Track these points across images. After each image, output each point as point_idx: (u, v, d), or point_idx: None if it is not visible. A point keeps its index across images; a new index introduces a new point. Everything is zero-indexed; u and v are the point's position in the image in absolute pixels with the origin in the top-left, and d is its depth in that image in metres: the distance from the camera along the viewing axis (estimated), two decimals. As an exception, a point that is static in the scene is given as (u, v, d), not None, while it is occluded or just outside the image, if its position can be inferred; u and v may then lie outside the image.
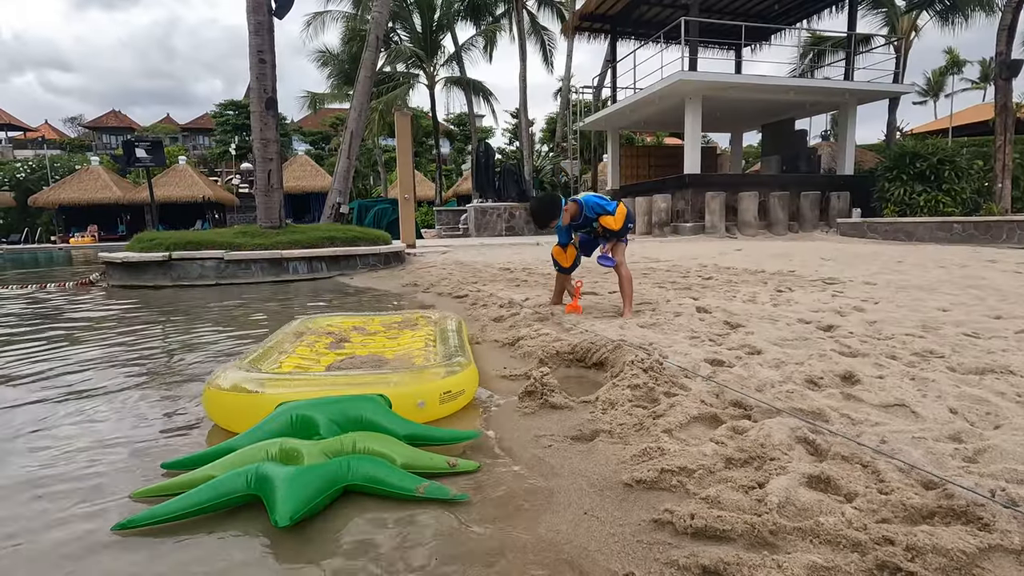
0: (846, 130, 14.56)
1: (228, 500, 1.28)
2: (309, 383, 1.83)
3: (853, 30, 15.06)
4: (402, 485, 1.34)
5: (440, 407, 1.86)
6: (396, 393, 1.77)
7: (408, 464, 1.44)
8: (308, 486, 1.26)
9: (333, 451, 1.44)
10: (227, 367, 1.97)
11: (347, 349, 2.52)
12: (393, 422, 1.61)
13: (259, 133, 7.85)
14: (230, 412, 1.79)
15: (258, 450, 1.42)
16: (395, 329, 2.94)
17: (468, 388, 1.98)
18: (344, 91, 22.67)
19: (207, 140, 46.33)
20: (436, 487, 1.34)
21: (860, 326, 2.82)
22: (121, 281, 6.96)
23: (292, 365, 2.17)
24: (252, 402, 1.73)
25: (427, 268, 7.46)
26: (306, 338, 2.66)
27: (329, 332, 2.79)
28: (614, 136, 17.92)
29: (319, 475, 1.30)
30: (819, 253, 7.86)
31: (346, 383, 1.82)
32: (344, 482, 1.33)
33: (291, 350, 2.39)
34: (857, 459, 1.34)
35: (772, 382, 1.92)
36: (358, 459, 1.38)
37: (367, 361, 2.23)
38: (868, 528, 1.07)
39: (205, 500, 1.27)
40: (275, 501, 1.21)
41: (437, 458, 1.49)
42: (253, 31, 7.60)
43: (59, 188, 27.01)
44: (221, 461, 1.41)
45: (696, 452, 1.42)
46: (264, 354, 2.22)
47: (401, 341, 2.65)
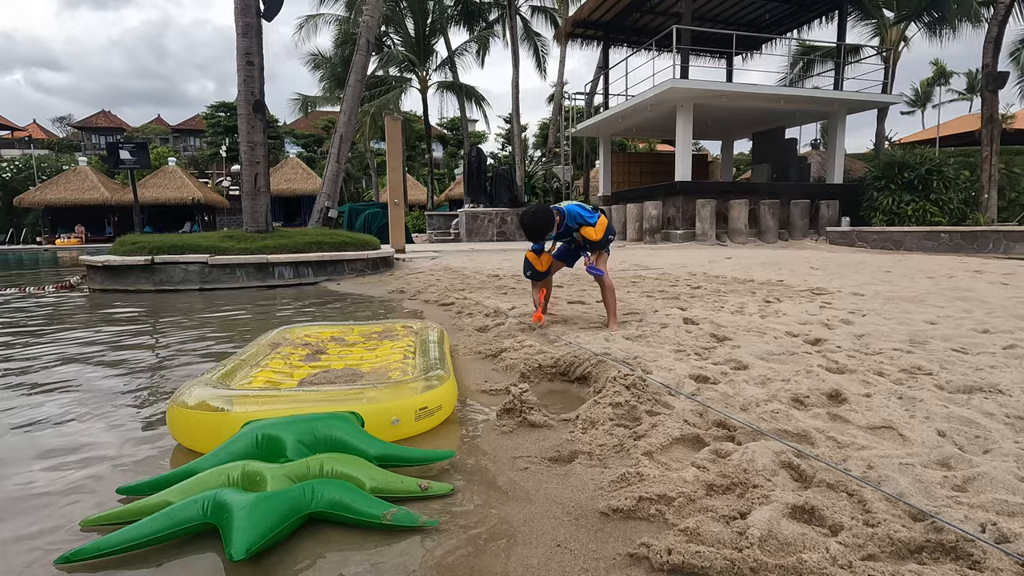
0: (835, 139, 14.66)
1: (182, 530, 1.20)
2: (279, 400, 1.74)
3: (843, 40, 15.21)
4: (369, 512, 1.26)
5: (416, 424, 1.79)
6: (369, 410, 1.69)
7: (378, 488, 1.36)
8: (268, 515, 1.18)
9: (299, 475, 1.36)
10: (193, 383, 1.86)
11: (323, 361, 2.42)
12: (364, 442, 1.53)
13: (246, 136, 7.75)
14: (195, 432, 1.69)
15: (218, 474, 1.34)
16: (375, 340, 2.83)
17: (446, 404, 1.91)
18: (336, 94, 22.57)
19: (198, 142, 46.01)
20: (404, 514, 1.26)
21: (847, 340, 2.78)
22: (102, 285, 6.82)
23: (263, 380, 2.06)
24: (218, 421, 1.64)
25: (415, 274, 7.38)
26: (282, 349, 2.56)
27: (306, 343, 2.68)
28: (606, 142, 17.95)
29: (281, 503, 1.22)
30: (808, 262, 7.87)
31: (318, 399, 1.73)
32: (308, 509, 1.26)
33: (265, 363, 2.29)
34: (843, 487, 1.29)
35: (757, 400, 1.87)
36: (323, 484, 1.30)
37: (341, 375, 2.12)
38: (853, 566, 1.01)
39: (157, 530, 1.18)
40: (231, 532, 1.13)
41: (409, 481, 1.41)
42: (241, 33, 7.52)
43: (46, 188, 26.65)
44: (179, 486, 1.33)
45: (677, 478, 1.36)
46: (235, 368, 2.12)
47: (379, 353, 2.55)
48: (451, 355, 2.89)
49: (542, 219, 3.09)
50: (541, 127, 36.10)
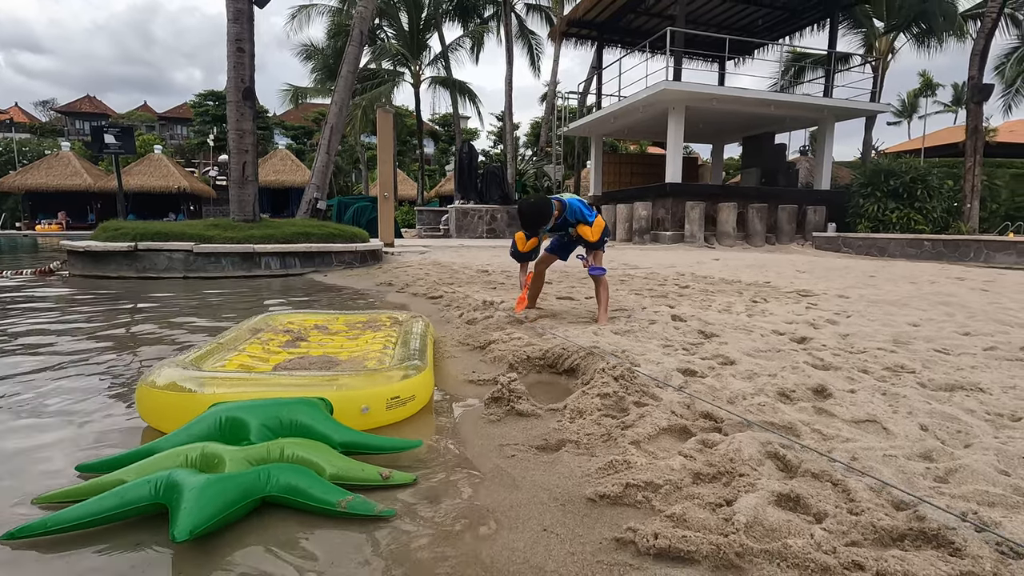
0: (824, 146, 14.84)
1: (132, 510, 1.17)
2: (249, 383, 1.71)
3: (833, 48, 15.39)
4: (324, 499, 1.24)
5: (386, 413, 1.76)
6: (339, 397, 1.67)
7: (338, 475, 1.34)
8: (217, 498, 1.15)
9: (258, 458, 1.33)
10: (164, 364, 1.83)
11: (302, 348, 2.38)
12: (329, 428, 1.51)
13: (235, 124, 7.65)
14: (164, 413, 1.65)
15: (176, 455, 1.31)
16: (358, 329, 2.79)
17: (420, 394, 1.88)
18: (327, 86, 22.40)
19: (185, 130, 45.38)
20: (360, 502, 1.24)
21: (833, 339, 2.81)
22: (83, 271, 6.69)
23: (237, 364, 2.03)
24: (187, 402, 1.61)
25: (404, 267, 7.34)
26: (263, 335, 2.52)
27: (288, 330, 2.64)
28: (598, 143, 18.00)
29: (232, 486, 1.19)
30: (795, 265, 7.95)
31: (289, 384, 1.71)
32: (261, 493, 1.23)
33: (243, 348, 2.26)
34: (828, 476, 1.30)
35: (744, 394, 1.88)
36: (280, 468, 1.28)
37: (316, 362, 2.08)
38: (837, 552, 1.02)
39: (106, 509, 1.15)
40: (178, 513, 1.10)
41: (370, 469, 1.39)
42: (232, 19, 7.41)
43: (26, 173, 26.11)
44: (136, 466, 1.30)
45: (664, 466, 1.37)
46: (212, 351, 2.09)
47: (360, 342, 2.52)
48: (437, 347, 2.88)
49: (540, 210, 3.04)
50: (533, 126, 36.09)
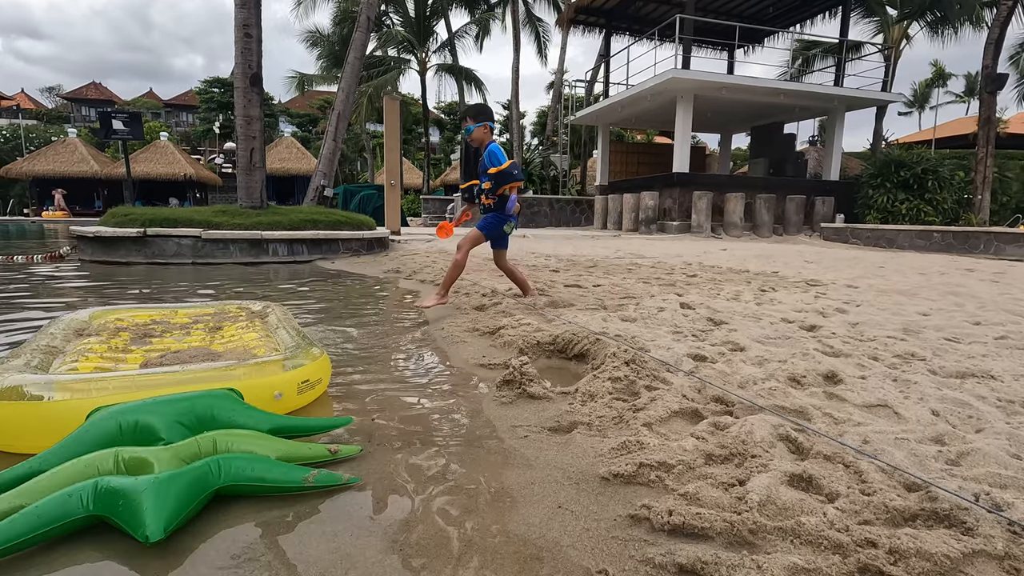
0: (833, 136, 14.70)
1: (57, 528, 1.04)
2: (130, 384, 1.51)
3: (845, 37, 15.19)
4: (287, 478, 1.22)
5: (298, 397, 1.74)
6: (249, 385, 1.61)
7: (285, 457, 1.31)
8: (176, 494, 1.08)
9: (190, 455, 1.25)
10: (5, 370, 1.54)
11: (155, 345, 2.13)
12: (253, 417, 1.47)
13: (242, 110, 7.64)
14: (6, 426, 1.41)
15: (84, 466, 1.16)
16: (210, 322, 2.54)
17: (325, 376, 1.90)
18: (333, 73, 22.31)
19: (190, 117, 45.34)
20: (326, 475, 1.25)
21: (842, 327, 2.81)
22: (93, 256, 6.74)
23: (93, 366, 1.79)
24: (43, 412, 1.40)
25: (411, 255, 7.36)
26: (99, 333, 2.23)
27: (123, 327, 2.33)
28: (605, 132, 17.88)
29: (187, 480, 1.12)
30: (802, 256, 7.92)
31: (186, 380, 1.57)
32: (215, 486, 1.17)
33: (79, 350, 1.96)
34: (840, 459, 1.31)
35: (755, 379, 1.89)
36: (228, 458, 1.22)
37: (196, 355, 1.90)
38: (850, 529, 1.03)
39: (24, 532, 1.00)
40: (140, 514, 1.03)
41: (316, 447, 1.39)
42: (239, 4, 7.38)
43: (33, 159, 26.19)
44: (28, 486, 1.12)
45: (676, 447, 1.38)
46: (40, 354, 1.79)
47: (226, 334, 2.32)
48: (448, 331, 2.90)
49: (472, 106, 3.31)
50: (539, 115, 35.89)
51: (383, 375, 2.18)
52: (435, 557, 1.03)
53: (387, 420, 1.70)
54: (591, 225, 17.22)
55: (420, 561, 1.02)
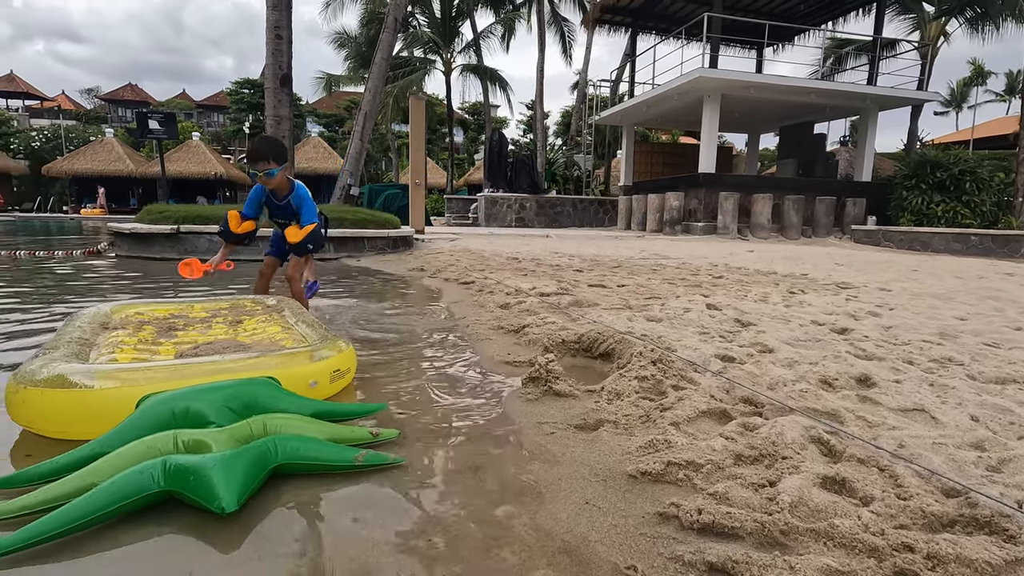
0: (866, 136, 14.34)
1: (131, 503, 1.10)
2: (175, 373, 1.56)
3: (879, 34, 14.80)
4: (339, 458, 1.30)
5: (331, 386, 1.82)
6: (285, 374, 1.67)
7: (332, 439, 1.39)
8: (243, 469, 1.16)
9: (243, 437, 1.31)
10: (39, 359, 1.60)
11: (181, 337, 2.16)
12: (295, 402, 1.54)
13: (272, 110, 7.80)
14: (55, 414, 1.45)
15: (147, 447, 1.22)
16: (228, 316, 2.54)
17: (352, 367, 1.96)
18: (360, 74, 22.61)
19: (221, 117, 46.40)
20: (374, 455, 1.32)
21: (875, 330, 2.74)
22: (129, 252, 6.95)
23: (130, 357, 1.83)
24: (94, 399, 1.45)
25: (435, 254, 7.41)
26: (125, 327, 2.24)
27: (145, 321, 2.36)
28: (629, 132, 17.75)
29: (250, 457, 1.19)
30: (832, 258, 7.75)
31: (227, 369, 1.62)
32: (273, 463, 1.24)
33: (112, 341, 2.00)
34: (874, 462, 1.28)
35: (785, 381, 1.86)
36: (283, 439, 1.29)
37: (229, 347, 1.94)
38: (886, 533, 1.01)
39: (100, 507, 1.06)
40: (212, 488, 1.10)
41: (359, 430, 1.47)
42: (271, 5, 7.53)
43: (73, 158, 27.14)
44: (96, 466, 1.18)
45: (705, 447, 1.37)
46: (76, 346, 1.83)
47: (247, 327, 2.34)
48: (473, 329, 2.92)
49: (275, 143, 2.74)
50: (563, 115, 35.81)
51: (409, 370, 2.20)
52: (464, 547, 1.05)
53: (413, 414, 1.72)
54: (614, 226, 17.12)
55: (450, 550, 1.04)
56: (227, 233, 2.90)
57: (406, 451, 1.45)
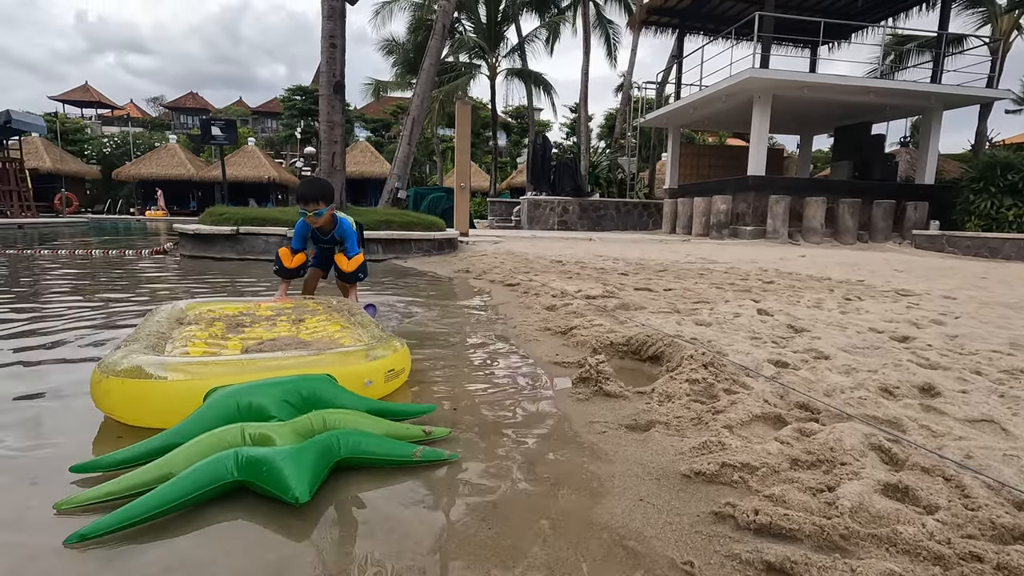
0: (929, 137, 13.65)
1: (209, 491, 1.16)
2: (240, 368, 1.64)
3: (945, 29, 14.08)
4: (399, 452, 1.34)
5: (385, 385, 1.86)
6: (343, 372, 1.71)
7: (389, 435, 1.43)
8: (312, 462, 1.21)
9: (305, 431, 1.36)
10: (121, 351, 1.70)
11: (248, 333, 2.25)
12: (351, 399, 1.58)
13: (326, 116, 8.09)
14: (132, 403, 1.54)
15: (218, 438, 1.28)
16: (291, 314, 2.63)
17: (407, 367, 1.99)
18: (407, 80, 23.10)
19: (274, 123, 48.25)
20: (431, 451, 1.37)
21: (939, 339, 2.63)
22: (192, 252, 7.35)
23: (201, 351, 1.93)
24: (166, 390, 1.53)
25: (479, 256, 7.51)
26: (193, 324, 2.34)
27: (216, 317, 2.47)
28: (675, 134, 17.48)
29: (318, 450, 1.25)
30: (890, 264, 7.42)
31: (288, 365, 1.69)
32: (337, 456, 1.29)
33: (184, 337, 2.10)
34: (939, 471, 1.25)
35: (842, 387, 1.82)
36: (345, 433, 1.33)
37: (291, 344, 2.02)
38: (952, 542, 0.99)
39: (181, 495, 1.12)
40: (285, 480, 1.14)
41: (412, 428, 1.51)
42: (326, 16, 7.82)
43: (139, 163, 28.82)
44: (171, 456, 1.24)
45: (760, 450, 1.37)
46: (154, 339, 1.94)
47: (308, 325, 2.43)
48: (521, 330, 2.96)
49: (327, 185, 3.01)
50: (607, 117, 35.54)
51: (459, 370, 2.27)
52: (522, 537, 1.09)
53: (466, 412, 1.78)
54: (659, 229, 16.87)
55: (509, 540, 1.08)
56: (283, 270, 3.11)
57: (460, 447, 1.50)
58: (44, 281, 4.73)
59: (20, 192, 18.24)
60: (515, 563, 1.00)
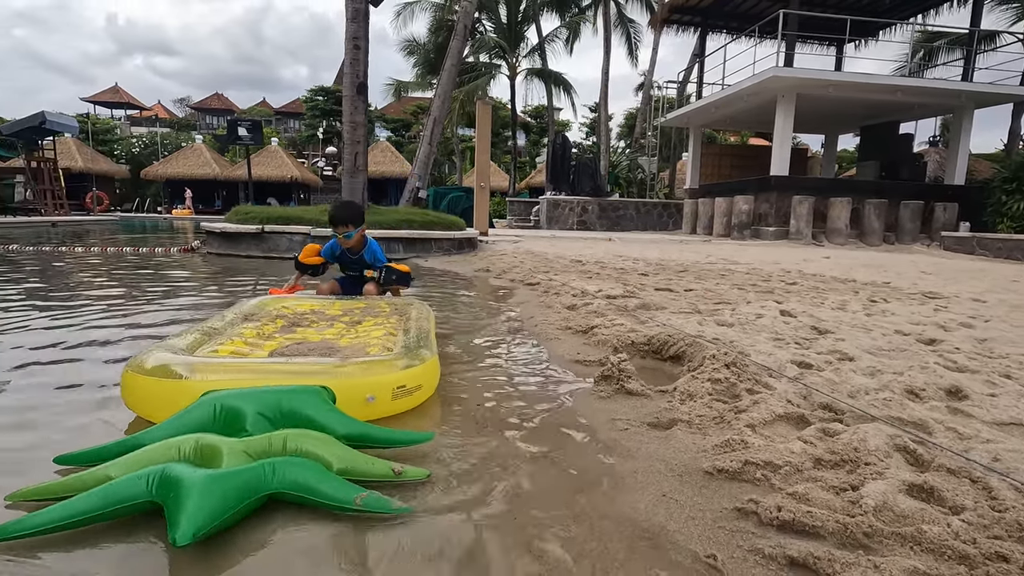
0: (959, 136, 13.32)
1: (123, 508, 1.06)
2: (243, 370, 1.60)
3: (977, 26, 13.72)
4: (338, 495, 1.12)
5: (392, 403, 1.65)
6: (341, 385, 1.55)
7: (346, 470, 1.22)
8: (220, 496, 1.05)
9: (259, 451, 1.22)
10: (153, 348, 1.72)
11: (298, 334, 2.23)
12: (333, 419, 1.39)
13: (349, 116, 8.20)
14: (151, 400, 1.54)
15: (167, 447, 1.21)
16: (356, 315, 2.61)
17: (427, 383, 1.78)
18: (428, 80, 23.25)
19: (297, 123, 48.93)
20: (375, 499, 1.12)
21: (967, 342, 2.59)
22: (219, 249, 7.52)
23: (231, 350, 1.90)
24: (177, 389, 1.50)
25: (499, 255, 7.55)
26: (260, 319, 2.38)
27: (282, 315, 2.50)
28: (696, 133, 17.32)
29: (237, 482, 1.09)
30: (918, 266, 7.28)
31: (287, 371, 1.60)
32: (268, 490, 1.12)
33: (237, 332, 2.12)
34: (965, 473, 1.25)
35: (866, 389, 1.81)
36: (285, 463, 1.16)
37: (316, 348, 1.96)
38: (978, 543, 1.00)
39: (93, 508, 1.04)
40: (178, 513, 1.00)
41: (380, 464, 1.26)
42: (350, 18, 7.93)
43: (166, 163, 29.48)
44: (123, 459, 1.19)
45: (783, 449, 1.37)
46: (204, 335, 1.97)
47: (361, 328, 2.37)
48: (542, 328, 2.99)
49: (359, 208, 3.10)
50: (627, 117, 35.35)
51: (482, 366, 2.30)
52: (548, 528, 1.11)
53: (491, 408, 1.81)
54: (679, 229, 16.74)
55: (534, 529, 1.11)
56: (300, 263, 3.24)
57: (486, 440, 1.54)
58: (78, 277, 4.89)
59: (54, 191, 18.80)
60: (542, 554, 1.03)
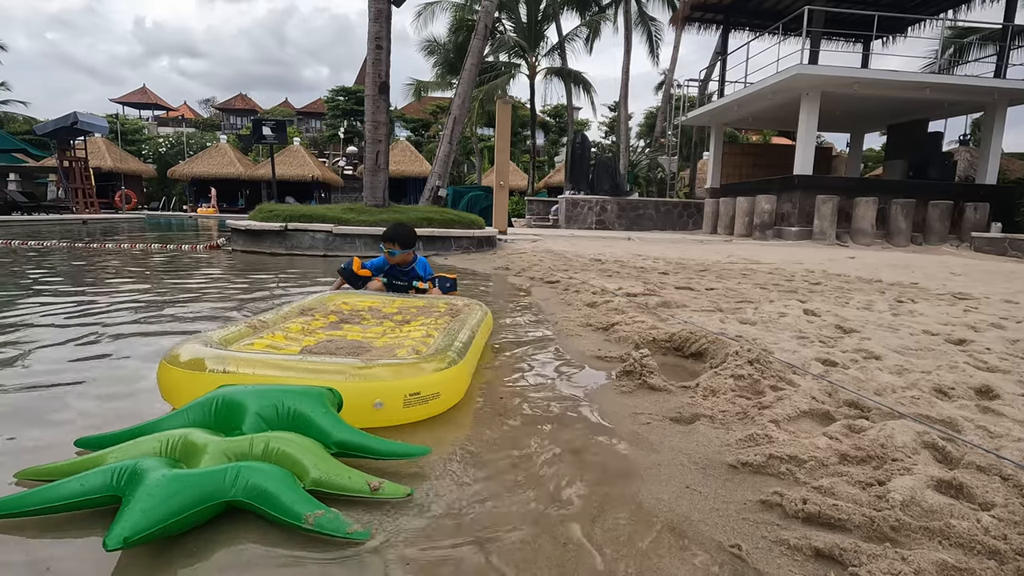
0: (991, 134, 12.96)
1: (90, 500, 1.05)
2: (265, 365, 1.58)
3: (1011, 21, 13.34)
4: (289, 509, 1.04)
5: (404, 411, 1.56)
6: (351, 388, 1.49)
7: (320, 481, 1.14)
8: (168, 501, 0.99)
9: (238, 452, 1.18)
10: (190, 339, 1.74)
11: (343, 331, 2.17)
12: (328, 423, 1.32)
13: (371, 116, 8.30)
14: (181, 391, 1.55)
15: (156, 440, 1.20)
16: (408, 314, 2.56)
17: (447, 392, 1.66)
18: (448, 80, 23.37)
19: (318, 123, 49.54)
20: (329, 519, 1.03)
21: (998, 343, 2.54)
22: (243, 247, 7.67)
23: (267, 343, 1.89)
24: (201, 381, 1.51)
25: (518, 254, 7.57)
26: (315, 314, 2.37)
27: (337, 311, 2.47)
28: (718, 132, 17.13)
29: (192, 486, 1.03)
30: (947, 267, 7.11)
31: (303, 369, 1.56)
32: (225, 497, 1.05)
33: (284, 327, 2.13)
34: (996, 471, 1.23)
35: (893, 387, 1.79)
36: (250, 468, 1.09)
37: (344, 347, 1.89)
38: (1009, 538, 0.99)
39: (64, 497, 1.04)
40: (125, 511, 0.97)
41: (357, 477, 1.17)
42: (373, 18, 8.02)
43: (192, 163, 30.09)
44: (122, 446, 1.20)
45: (808, 444, 1.37)
46: (250, 327, 1.97)
47: (405, 329, 2.29)
48: (562, 325, 3.00)
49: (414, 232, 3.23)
50: (646, 116, 35.11)
51: (504, 362, 2.33)
52: (572, 518, 1.13)
53: (514, 401, 1.83)
54: (699, 229, 16.58)
55: (560, 513, 1.13)
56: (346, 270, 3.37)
57: (508, 432, 1.56)
58: (110, 272, 5.04)
59: (85, 189, 19.33)
60: (567, 540, 1.05)
